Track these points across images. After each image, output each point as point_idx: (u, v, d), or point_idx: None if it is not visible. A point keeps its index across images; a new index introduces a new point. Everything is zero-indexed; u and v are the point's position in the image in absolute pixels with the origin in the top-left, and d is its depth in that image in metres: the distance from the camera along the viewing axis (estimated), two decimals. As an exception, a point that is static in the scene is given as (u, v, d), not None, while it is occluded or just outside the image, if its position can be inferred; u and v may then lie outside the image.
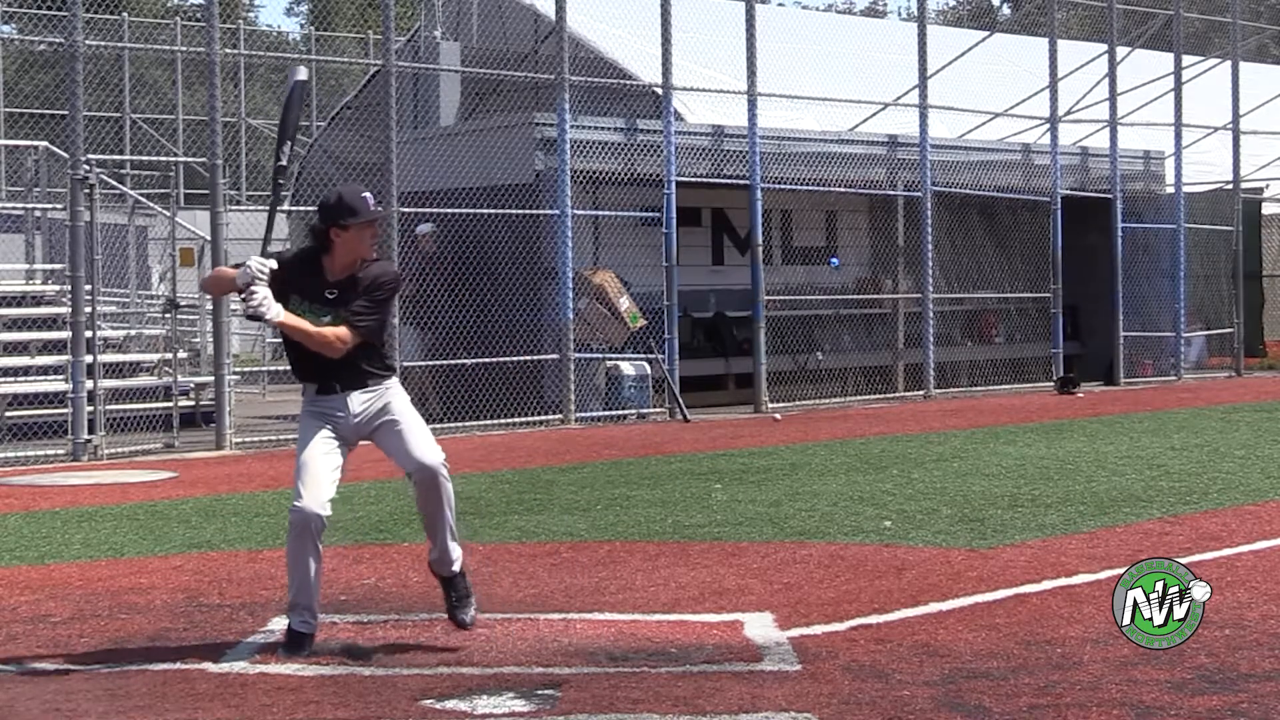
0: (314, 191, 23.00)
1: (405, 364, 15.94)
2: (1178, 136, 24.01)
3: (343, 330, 6.39)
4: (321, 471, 6.38)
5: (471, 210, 16.72)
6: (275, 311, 6.30)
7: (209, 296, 16.79)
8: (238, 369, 16.84)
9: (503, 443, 15.35)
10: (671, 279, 18.01)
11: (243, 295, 6.30)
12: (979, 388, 21.57)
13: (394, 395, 6.58)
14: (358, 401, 6.48)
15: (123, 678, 6.00)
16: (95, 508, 10.94)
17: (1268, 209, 27.08)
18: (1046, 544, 8.73)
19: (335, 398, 6.48)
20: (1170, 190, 24.03)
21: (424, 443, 6.53)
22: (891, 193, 21.10)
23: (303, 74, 6.82)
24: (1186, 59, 24.62)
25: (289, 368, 6.93)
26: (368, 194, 6.50)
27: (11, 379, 16.17)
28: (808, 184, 19.93)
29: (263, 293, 6.27)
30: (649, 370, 17.91)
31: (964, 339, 22.76)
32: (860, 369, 20.82)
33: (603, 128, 18.26)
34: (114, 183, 18.75)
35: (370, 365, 6.52)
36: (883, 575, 7.85)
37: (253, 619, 7.02)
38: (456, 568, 6.67)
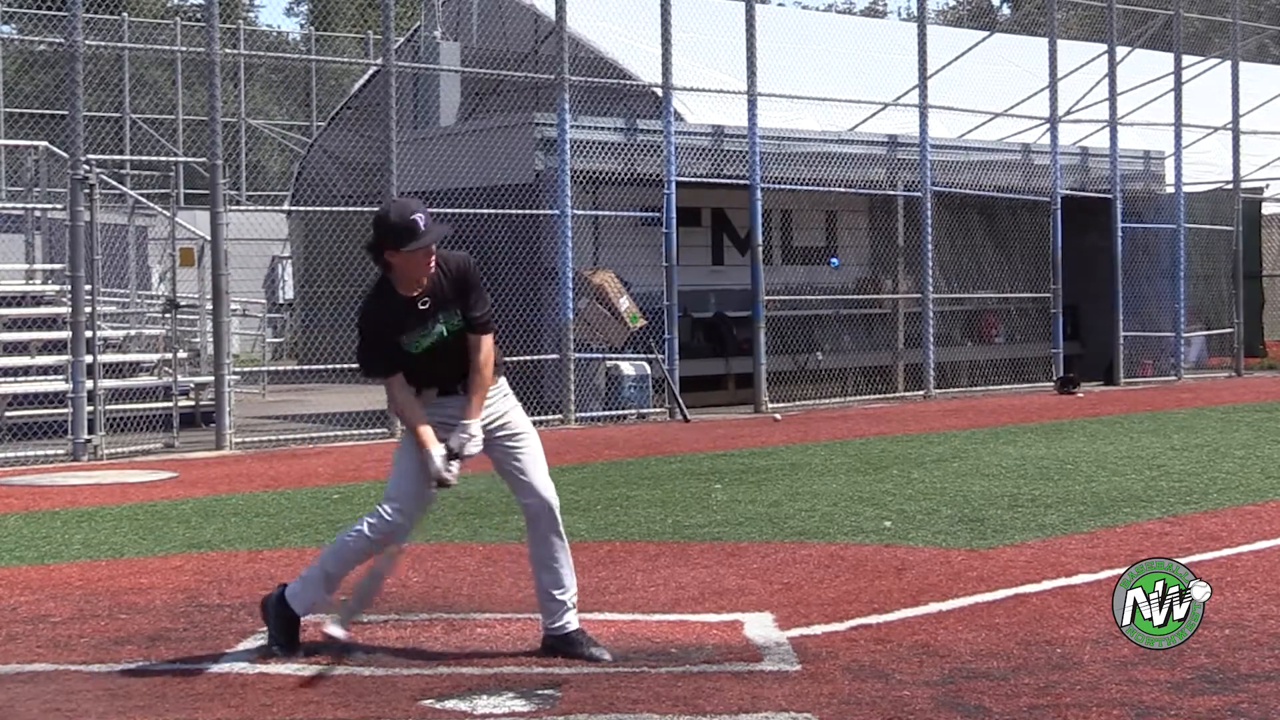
0: (314, 192, 23.05)
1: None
2: (1178, 136, 24.01)
3: (480, 342, 6.18)
4: (420, 490, 6.21)
5: (471, 210, 16.71)
6: (475, 442, 6.14)
7: (208, 300, 16.79)
8: (238, 369, 16.82)
9: (503, 443, 15.32)
10: (671, 279, 18.01)
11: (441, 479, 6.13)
12: (979, 388, 21.57)
13: (512, 406, 6.38)
14: (473, 426, 6.20)
15: (123, 678, 6.00)
16: (95, 508, 10.93)
17: (1268, 209, 27.08)
18: (1046, 544, 8.73)
19: (458, 398, 6.22)
20: (1170, 190, 24.03)
21: (542, 475, 6.29)
22: (891, 193, 21.11)
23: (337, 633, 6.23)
24: (1186, 59, 24.62)
25: (295, 368, 6.85)
26: (418, 214, 6.06)
27: (11, 379, 16.17)
28: (808, 184, 19.94)
29: (450, 465, 6.10)
30: (649, 370, 17.91)
31: (964, 339, 22.77)
32: (860, 369, 20.82)
33: (603, 128, 18.27)
34: (114, 183, 18.75)
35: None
36: (883, 575, 7.85)
37: (253, 619, 7.00)
38: (574, 624, 6.29)
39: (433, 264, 6.14)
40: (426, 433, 6.14)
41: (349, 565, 6.34)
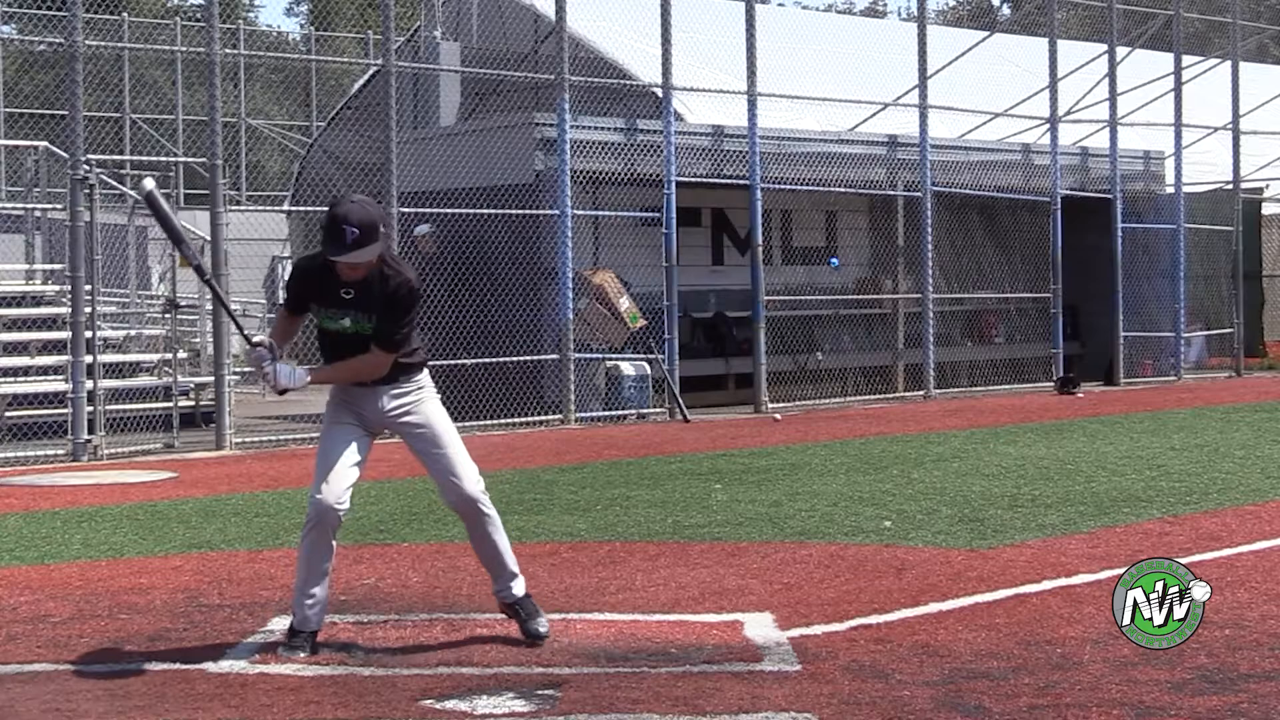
0: (314, 192, 23.04)
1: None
2: (1178, 136, 24.01)
3: (375, 355, 6.30)
4: (343, 464, 6.33)
5: (471, 210, 16.72)
6: (298, 377, 6.29)
7: (208, 300, 16.80)
8: (238, 369, 16.82)
9: (503, 443, 15.35)
10: (671, 279, 18.01)
11: (260, 376, 6.36)
12: (979, 388, 21.58)
13: (428, 399, 6.51)
14: (389, 398, 6.43)
15: (123, 678, 6.00)
16: (95, 508, 10.93)
17: (1268, 209, 27.07)
18: (1046, 544, 8.73)
19: (366, 390, 6.42)
20: (1170, 190, 24.04)
21: (461, 469, 6.45)
22: (891, 193, 21.11)
23: (148, 184, 6.64)
24: (1186, 59, 24.62)
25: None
26: (354, 227, 6.05)
27: (11, 379, 16.17)
28: (808, 184, 19.94)
29: (270, 369, 6.27)
30: (649, 370, 17.91)
31: (964, 339, 22.77)
32: (860, 369, 20.82)
33: (603, 128, 18.27)
34: (114, 183, 18.74)
35: (400, 360, 6.43)
36: (883, 575, 7.85)
37: (253, 619, 7.02)
38: (521, 591, 6.56)
39: (359, 274, 6.21)
40: (260, 336, 6.44)
41: (316, 565, 6.34)
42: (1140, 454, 13.36)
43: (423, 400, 6.52)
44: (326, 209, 6.23)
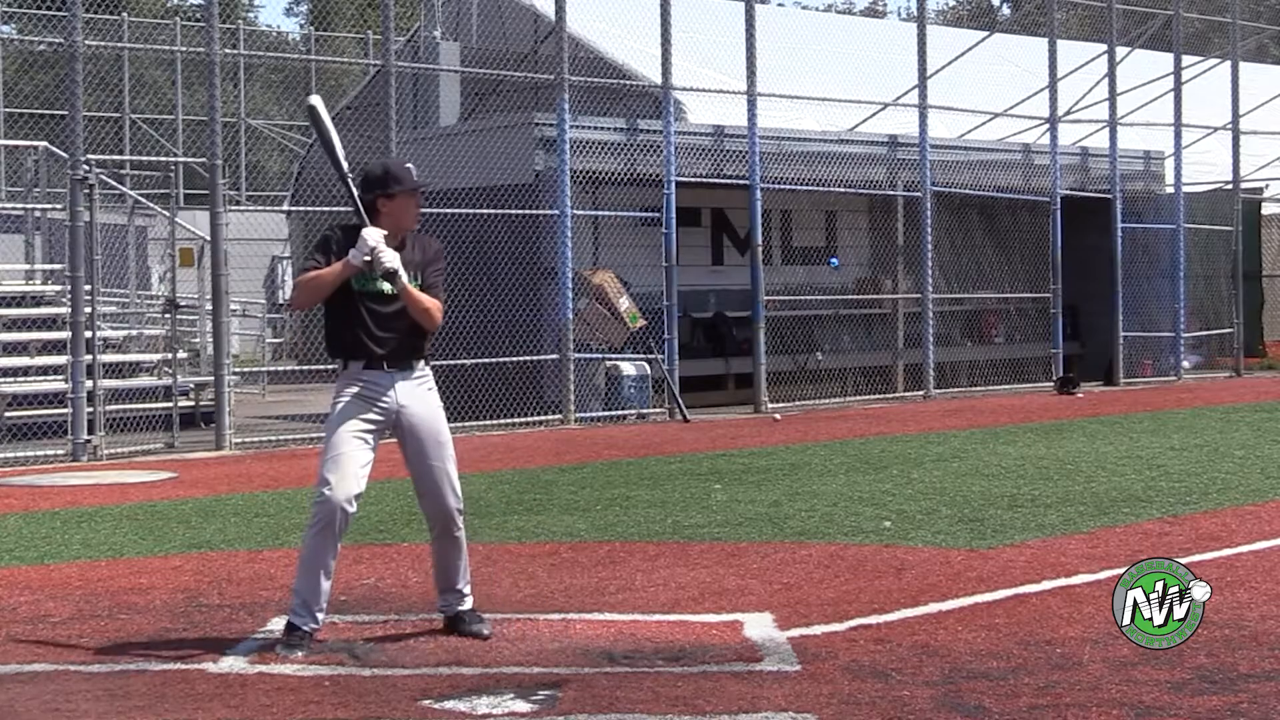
0: (314, 192, 23.03)
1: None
2: (1177, 136, 24.02)
3: (432, 299, 6.45)
4: (353, 464, 6.32)
5: (471, 210, 16.71)
6: (393, 257, 6.30)
7: (208, 300, 16.78)
8: (238, 369, 16.83)
9: (503, 443, 15.35)
10: (671, 279, 18.01)
11: (370, 263, 6.28)
12: (979, 388, 21.58)
13: (436, 398, 6.54)
14: (404, 390, 6.44)
15: (123, 678, 6.00)
16: (95, 508, 10.93)
17: (1267, 209, 27.08)
18: (1046, 544, 8.73)
19: (382, 375, 6.41)
20: (1170, 190, 24.04)
21: (448, 483, 6.51)
22: (891, 193, 21.11)
23: (318, 101, 6.76)
24: (1186, 59, 24.63)
25: (295, 368, 6.87)
26: (410, 165, 6.60)
27: (11, 379, 16.17)
28: (808, 184, 19.94)
29: (390, 252, 6.29)
30: (649, 370, 17.91)
31: (964, 339, 22.77)
32: (860, 369, 20.82)
33: (603, 128, 18.27)
34: (114, 183, 18.74)
35: (418, 344, 6.49)
36: (883, 575, 7.85)
37: (253, 619, 7.02)
38: (467, 605, 6.64)
39: (416, 218, 6.54)
40: (339, 262, 6.37)
41: (318, 562, 6.34)
42: (1140, 454, 13.36)
43: (432, 395, 6.55)
44: (369, 173, 6.52)
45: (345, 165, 6.67)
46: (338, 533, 6.31)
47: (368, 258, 6.28)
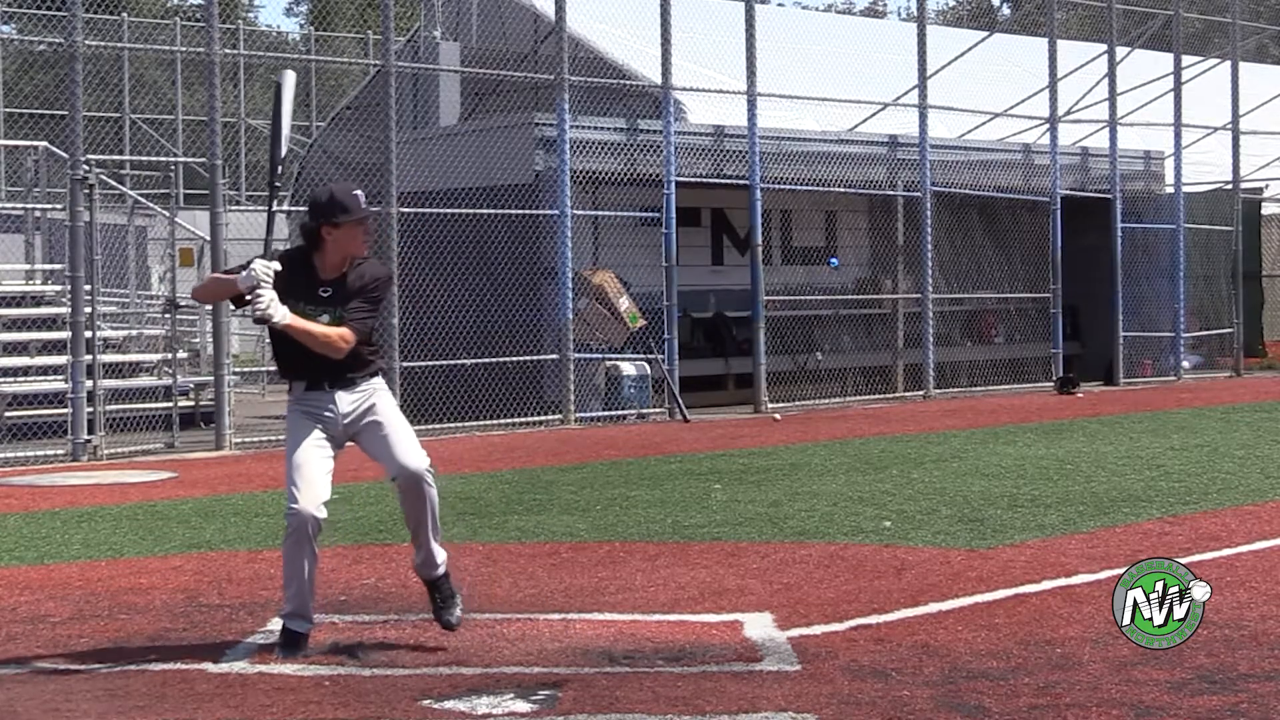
0: (313, 191, 23.02)
1: (406, 364, 15.94)
2: (1177, 136, 24.01)
3: (345, 330, 6.37)
4: (316, 472, 6.36)
5: (471, 210, 16.71)
6: (282, 314, 6.25)
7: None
8: (237, 369, 16.84)
9: (503, 443, 15.35)
10: (671, 279, 18.01)
11: (249, 299, 6.25)
12: (979, 388, 21.57)
13: (380, 397, 6.56)
14: (346, 401, 6.46)
15: (123, 678, 6.00)
16: (95, 508, 10.94)
17: (1267, 209, 27.08)
18: (1046, 544, 8.73)
19: (324, 394, 6.46)
20: (1170, 190, 24.03)
21: (409, 446, 6.47)
22: (891, 193, 21.11)
23: (288, 78, 6.79)
24: (1186, 59, 24.62)
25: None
26: (359, 192, 6.45)
27: (11, 379, 16.16)
28: (808, 184, 19.94)
29: (269, 295, 6.22)
30: (649, 370, 17.91)
31: (964, 339, 22.77)
32: (860, 369, 20.82)
33: (603, 128, 18.27)
34: (114, 183, 18.75)
35: (357, 363, 6.49)
36: (883, 575, 7.85)
37: (252, 619, 7.02)
38: (441, 571, 6.61)
39: (364, 245, 6.44)
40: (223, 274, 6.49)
41: (299, 569, 6.35)
42: (1140, 454, 13.36)
43: (374, 396, 6.53)
44: (315, 199, 6.43)
45: (283, 151, 6.70)
46: (311, 538, 6.32)
47: (250, 292, 6.26)
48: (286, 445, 6.50)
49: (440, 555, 6.59)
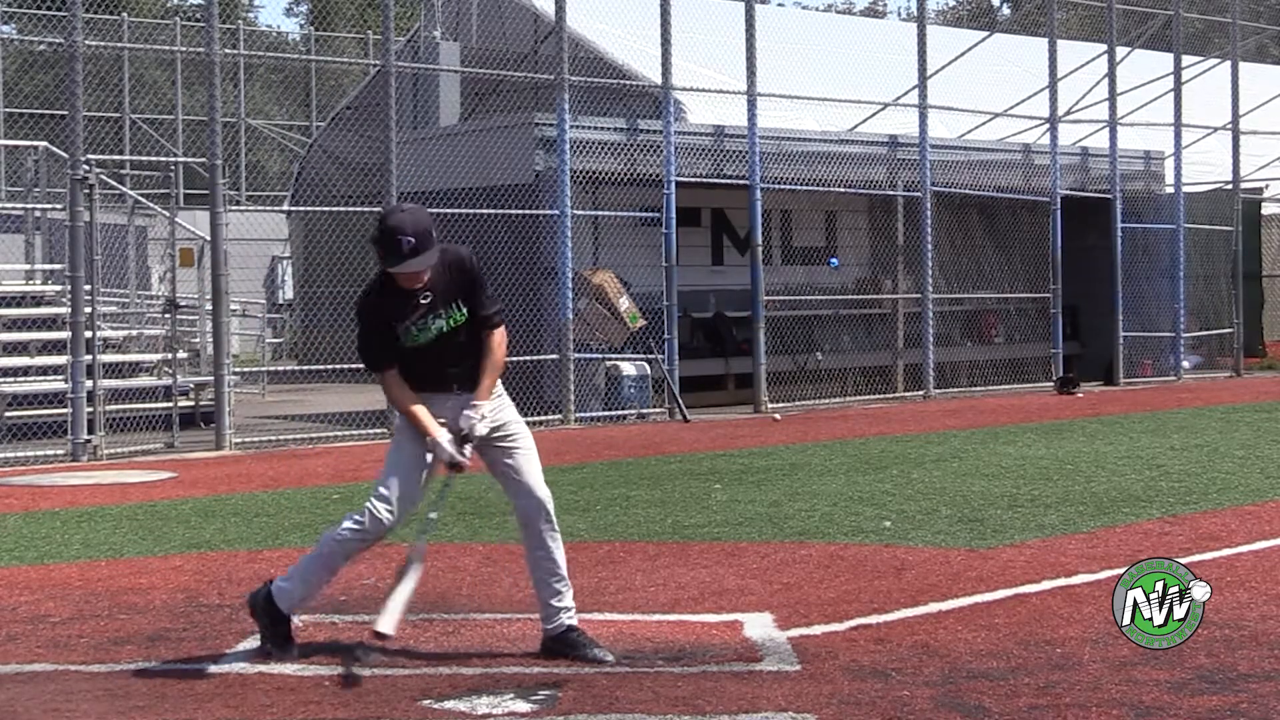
0: (313, 192, 23.06)
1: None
2: (1177, 136, 24.01)
3: (494, 336, 6.21)
4: (413, 491, 6.20)
5: (471, 210, 16.71)
6: (474, 424, 6.11)
7: (208, 300, 16.79)
8: (238, 369, 16.82)
9: (503, 443, 15.32)
10: (671, 279, 18.01)
11: (453, 458, 6.13)
12: (979, 388, 21.57)
13: (508, 403, 6.37)
14: (474, 409, 6.18)
15: (123, 678, 6.00)
16: (95, 508, 10.93)
17: (1267, 209, 27.08)
18: (1046, 544, 8.73)
19: (449, 398, 6.22)
20: (1170, 190, 24.03)
21: (538, 479, 6.29)
22: (891, 193, 21.11)
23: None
24: (1186, 59, 24.62)
25: (295, 368, 6.81)
26: (410, 236, 5.94)
27: (11, 379, 16.16)
28: (808, 184, 19.94)
29: (463, 449, 6.12)
30: (649, 370, 17.91)
31: (964, 339, 22.77)
32: (860, 369, 20.82)
33: (603, 128, 18.27)
34: (114, 183, 18.74)
35: (474, 372, 6.24)
36: (883, 575, 7.85)
37: (252, 619, 7.00)
38: (571, 619, 6.29)
39: (422, 280, 6.08)
40: (426, 417, 6.14)
41: (336, 566, 6.31)
42: (1140, 454, 13.36)
43: (504, 407, 6.35)
44: (378, 222, 6.08)
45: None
46: (368, 548, 6.27)
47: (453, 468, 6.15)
48: (395, 447, 6.30)
49: (570, 604, 6.32)
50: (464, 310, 6.18)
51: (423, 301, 6.12)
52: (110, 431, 14.61)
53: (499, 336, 6.26)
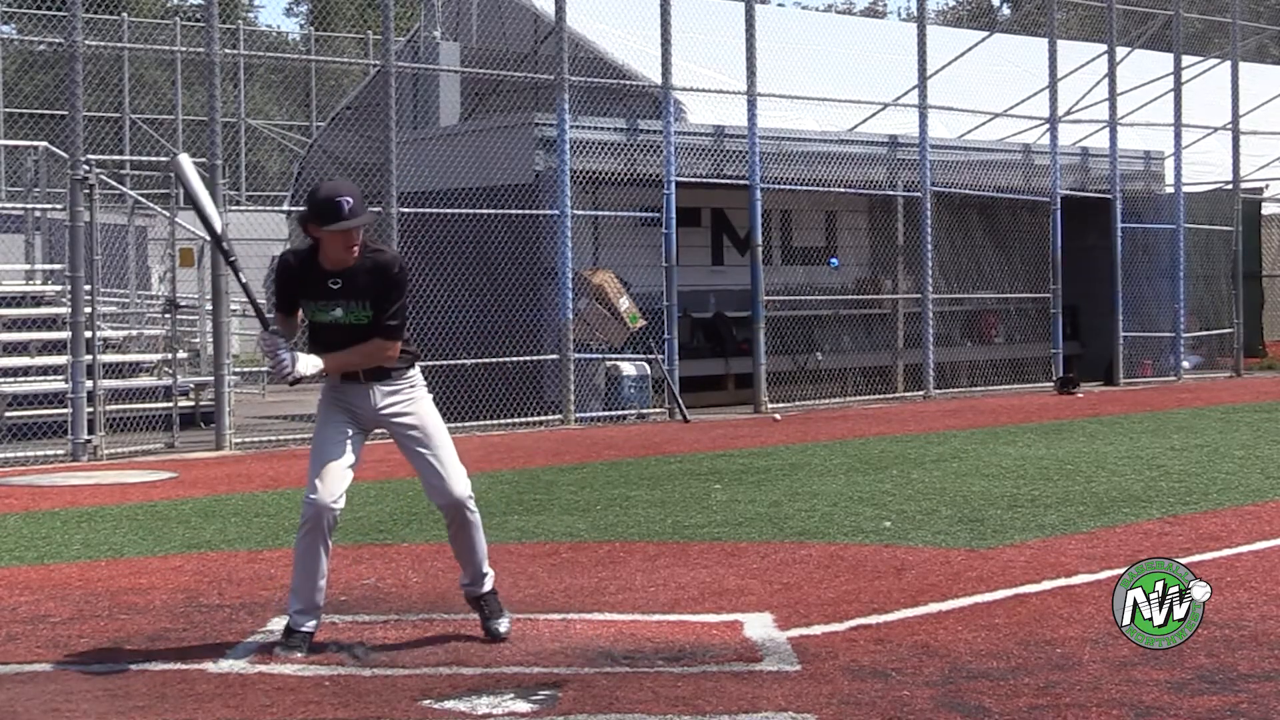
0: (314, 191, 23.01)
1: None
2: (1177, 136, 24.02)
3: (380, 342, 6.32)
4: (338, 464, 6.34)
5: (471, 210, 16.71)
6: (306, 366, 6.26)
7: (208, 300, 16.79)
8: (238, 369, 16.83)
9: (503, 443, 15.35)
10: (671, 279, 18.01)
11: (271, 366, 6.31)
12: (979, 388, 21.57)
13: (420, 397, 6.51)
14: (382, 394, 6.42)
15: (123, 678, 6.00)
16: (95, 508, 10.94)
17: (1267, 209, 27.08)
18: (1046, 544, 8.73)
19: (359, 387, 6.42)
20: (1170, 190, 24.03)
21: (452, 472, 6.45)
22: (891, 193, 21.11)
23: (183, 162, 6.63)
24: (1186, 59, 24.62)
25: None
26: (348, 197, 6.17)
27: (11, 379, 16.17)
28: (808, 184, 19.94)
29: (285, 357, 6.24)
30: (649, 370, 17.91)
31: (964, 339, 22.77)
32: (860, 369, 20.82)
33: (603, 128, 18.27)
34: (114, 183, 18.74)
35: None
36: (883, 575, 7.85)
37: (252, 619, 7.02)
38: (488, 587, 6.65)
39: (355, 251, 6.25)
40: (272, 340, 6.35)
41: (313, 564, 6.34)
42: (1140, 454, 13.36)
43: (415, 399, 6.51)
44: (307, 197, 6.30)
45: (219, 229, 6.64)
46: (326, 532, 6.32)
47: (271, 361, 6.31)
48: (314, 435, 6.50)
49: (489, 573, 6.64)
50: (368, 312, 6.30)
51: (332, 287, 6.28)
52: (110, 431, 14.61)
53: (388, 348, 6.35)
